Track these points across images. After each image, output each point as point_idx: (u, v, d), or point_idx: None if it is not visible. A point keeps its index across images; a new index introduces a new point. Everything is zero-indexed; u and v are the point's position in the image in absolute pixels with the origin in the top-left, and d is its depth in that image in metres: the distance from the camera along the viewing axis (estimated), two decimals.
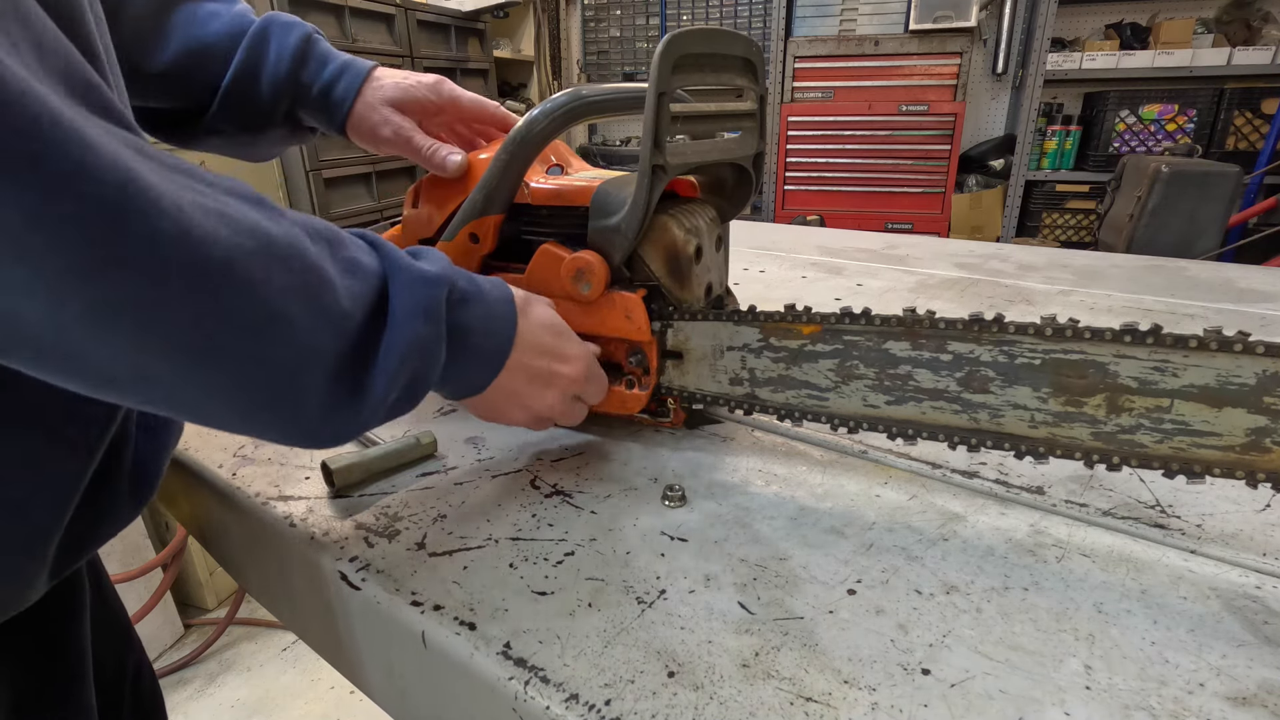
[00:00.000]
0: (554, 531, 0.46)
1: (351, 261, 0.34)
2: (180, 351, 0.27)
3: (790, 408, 0.50)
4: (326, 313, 0.31)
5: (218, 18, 0.57)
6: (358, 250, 0.35)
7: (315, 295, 0.31)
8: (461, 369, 0.41)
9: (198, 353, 0.27)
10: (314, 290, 0.31)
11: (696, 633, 0.37)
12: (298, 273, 0.30)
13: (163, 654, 1.63)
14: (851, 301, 0.87)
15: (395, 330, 0.35)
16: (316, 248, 0.32)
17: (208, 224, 0.27)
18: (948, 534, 0.45)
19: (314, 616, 0.48)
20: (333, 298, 0.32)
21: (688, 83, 0.50)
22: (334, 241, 0.34)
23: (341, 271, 0.33)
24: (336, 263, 0.33)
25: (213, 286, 0.27)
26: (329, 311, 0.31)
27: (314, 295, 0.31)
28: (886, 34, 3.04)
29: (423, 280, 0.36)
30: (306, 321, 0.30)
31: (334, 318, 0.32)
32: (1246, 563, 0.42)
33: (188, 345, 0.27)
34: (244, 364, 0.29)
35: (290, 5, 2.01)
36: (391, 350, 0.34)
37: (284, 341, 0.30)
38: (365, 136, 0.60)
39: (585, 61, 3.96)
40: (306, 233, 0.32)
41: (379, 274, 0.35)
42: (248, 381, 0.29)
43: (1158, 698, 0.33)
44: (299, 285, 0.30)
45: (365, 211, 2.38)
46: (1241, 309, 0.90)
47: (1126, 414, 0.39)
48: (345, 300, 0.32)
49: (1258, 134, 2.70)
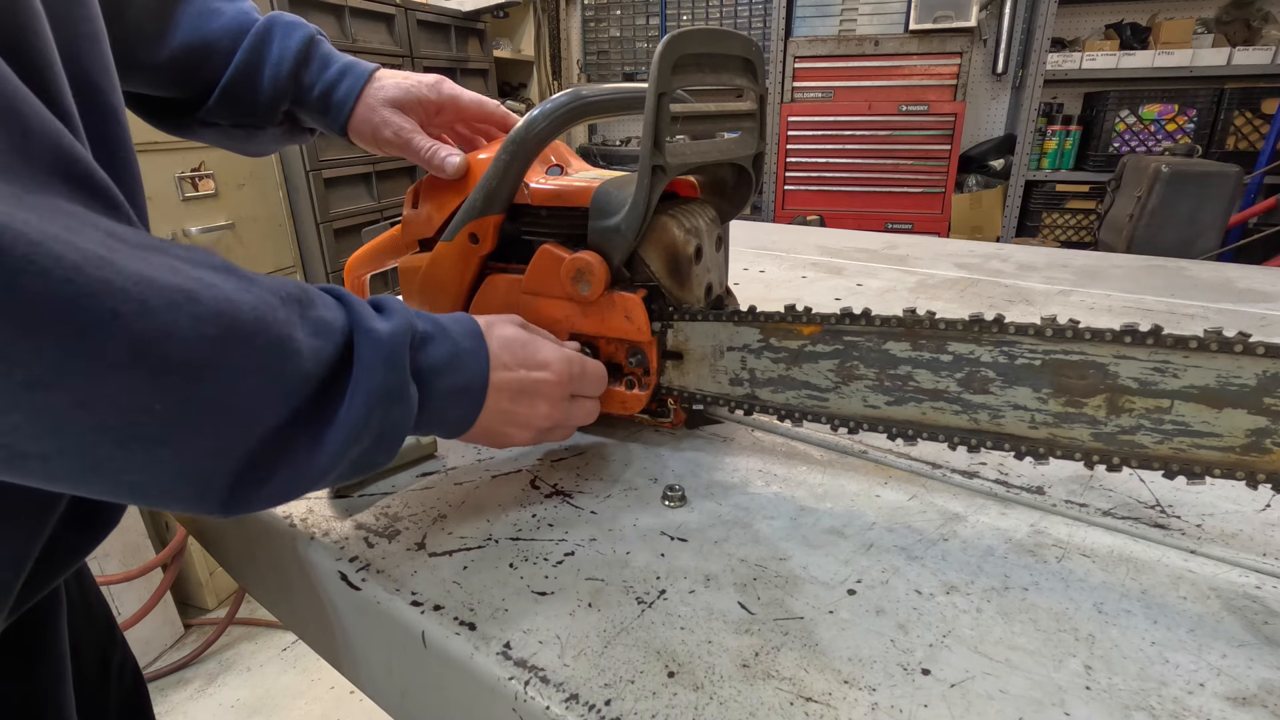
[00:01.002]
0: (554, 531, 0.46)
1: (319, 322, 0.35)
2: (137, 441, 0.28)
3: (790, 408, 0.50)
4: (287, 381, 0.32)
5: (222, 14, 0.57)
6: (325, 309, 0.36)
7: (278, 367, 0.31)
8: (441, 409, 0.41)
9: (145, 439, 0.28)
10: (277, 362, 0.31)
11: (696, 633, 0.37)
12: (262, 348, 0.31)
13: (163, 654, 1.63)
14: (851, 302, 0.87)
15: (358, 382, 0.35)
16: (286, 312, 0.32)
17: (167, 316, 0.27)
18: (948, 534, 0.45)
19: (314, 616, 0.48)
20: (296, 364, 0.32)
21: (688, 83, 0.50)
22: (304, 302, 0.34)
23: (310, 333, 0.34)
24: (305, 324, 0.33)
25: (169, 379, 0.27)
26: (290, 379, 0.32)
27: (277, 367, 0.31)
28: (886, 34, 3.04)
29: (383, 331, 0.37)
30: (264, 395, 0.31)
31: (295, 383, 0.32)
32: (1246, 563, 0.42)
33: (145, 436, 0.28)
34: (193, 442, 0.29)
35: (290, 5, 2.01)
36: (355, 401, 0.35)
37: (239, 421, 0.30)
38: (366, 138, 0.60)
39: (585, 61, 3.95)
40: (278, 297, 0.32)
41: (344, 329, 0.36)
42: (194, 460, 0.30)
43: (1158, 698, 0.33)
44: (261, 363, 0.31)
45: (365, 211, 2.38)
46: (1241, 309, 0.90)
47: (1127, 415, 0.39)
48: (309, 363, 0.33)
49: (1258, 134, 2.70)
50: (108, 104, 0.36)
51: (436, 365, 0.40)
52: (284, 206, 2.17)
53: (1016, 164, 2.97)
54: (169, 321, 0.27)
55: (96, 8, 0.36)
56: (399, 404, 0.37)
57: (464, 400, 0.43)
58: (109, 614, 0.57)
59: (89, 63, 0.35)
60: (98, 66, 0.35)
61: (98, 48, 0.35)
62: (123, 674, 0.57)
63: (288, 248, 2.20)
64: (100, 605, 0.56)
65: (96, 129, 0.34)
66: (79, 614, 0.51)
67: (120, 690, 0.56)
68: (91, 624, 0.54)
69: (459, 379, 0.42)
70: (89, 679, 0.51)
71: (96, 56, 0.35)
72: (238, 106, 0.58)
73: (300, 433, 0.33)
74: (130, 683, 0.58)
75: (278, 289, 0.33)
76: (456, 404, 0.43)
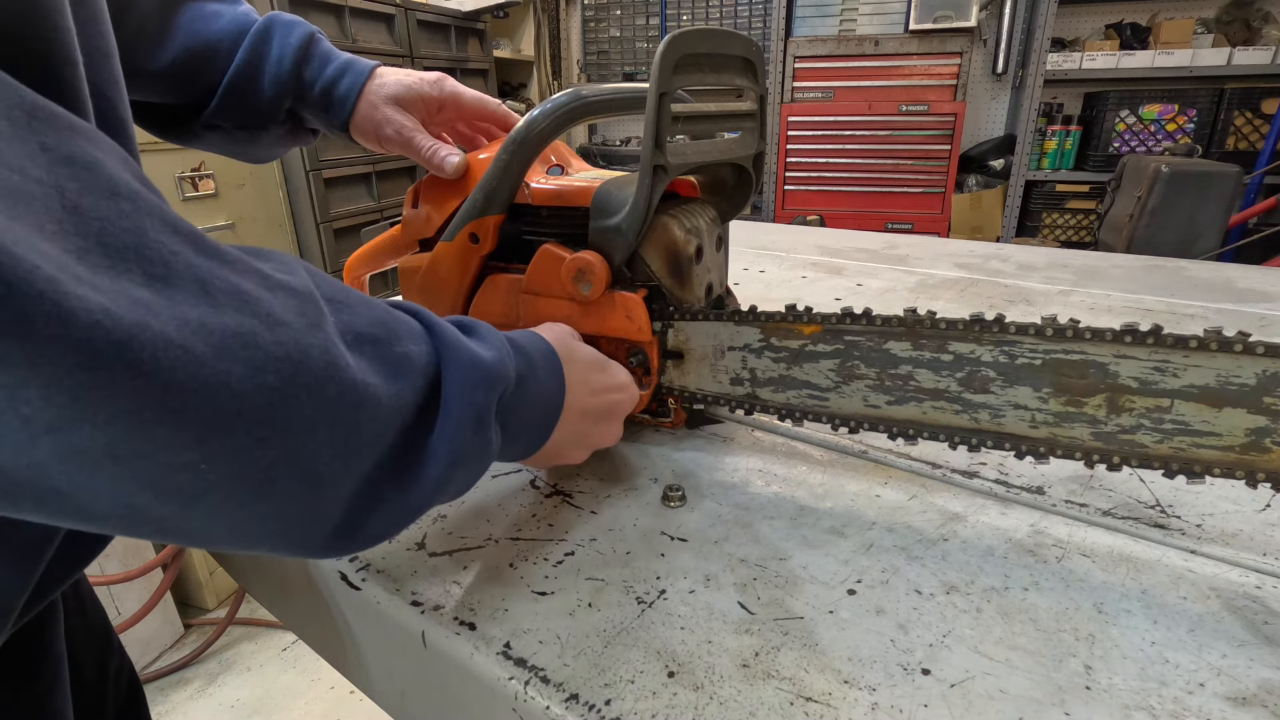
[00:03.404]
0: (554, 531, 0.46)
1: (401, 359, 0.31)
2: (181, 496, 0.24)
3: (791, 408, 0.50)
4: (361, 434, 0.29)
5: (221, 17, 0.57)
6: (410, 340, 0.32)
7: (350, 419, 0.28)
8: (511, 447, 0.40)
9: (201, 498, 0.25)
10: (348, 414, 0.28)
11: (696, 633, 0.37)
12: (331, 399, 0.27)
13: (163, 654, 1.63)
14: (852, 301, 0.87)
15: (443, 439, 0.32)
16: (356, 356, 0.29)
17: (217, 364, 0.23)
18: (948, 534, 0.45)
19: (314, 617, 0.48)
20: (371, 414, 0.29)
21: (688, 83, 0.50)
22: (382, 340, 0.31)
23: (388, 376, 0.30)
24: (384, 367, 0.30)
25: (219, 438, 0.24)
26: (363, 433, 0.29)
27: (348, 419, 0.28)
28: (886, 34, 3.04)
29: (478, 378, 0.34)
30: (334, 449, 0.28)
31: (369, 438, 0.29)
32: (1246, 563, 0.42)
33: (190, 492, 0.24)
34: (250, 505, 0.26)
35: (290, 5, 2.01)
36: (437, 457, 0.32)
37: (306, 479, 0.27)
38: (368, 135, 0.60)
39: (585, 61, 3.95)
40: (351, 337, 0.29)
41: (431, 363, 0.33)
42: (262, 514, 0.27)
43: (1158, 698, 0.33)
44: (331, 415, 0.27)
45: (365, 211, 2.38)
46: (1241, 309, 0.90)
47: (1127, 414, 0.39)
48: (386, 411, 0.30)
49: (1258, 134, 2.70)
50: (116, 115, 0.36)
51: (519, 409, 0.38)
52: (284, 206, 2.17)
53: (1016, 164, 2.97)
54: (222, 370, 0.23)
55: (109, 24, 0.36)
56: (480, 461, 0.36)
57: (535, 436, 0.42)
58: (105, 619, 0.57)
59: (99, 75, 0.35)
60: (109, 80, 0.35)
61: (109, 63, 0.35)
62: (119, 680, 0.56)
63: (288, 248, 2.20)
64: (97, 611, 0.56)
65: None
66: (76, 620, 0.51)
67: (117, 696, 0.56)
68: (89, 630, 0.53)
69: (536, 416, 0.41)
70: (86, 685, 0.51)
71: (109, 71, 0.35)
72: (241, 107, 0.58)
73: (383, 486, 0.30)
74: (127, 688, 0.57)
75: (350, 327, 0.29)
76: (527, 441, 0.42)
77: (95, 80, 0.35)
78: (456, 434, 0.32)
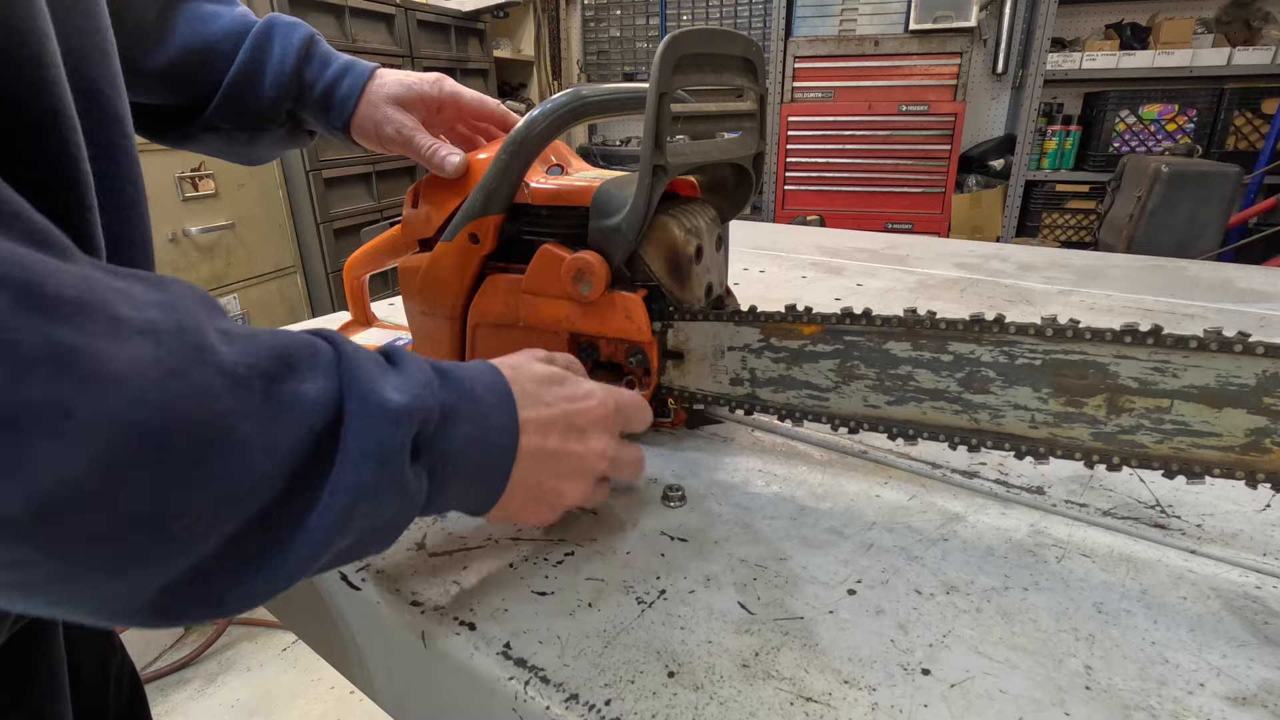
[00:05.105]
0: (554, 531, 0.46)
1: (293, 397, 0.27)
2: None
3: (791, 408, 0.50)
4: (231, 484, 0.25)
5: (220, 17, 0.57)
6: (310, 377, 0.28)
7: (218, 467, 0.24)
8: (460, 493, 0.36)
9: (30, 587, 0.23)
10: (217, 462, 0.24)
11: (696, 633, 0.37)
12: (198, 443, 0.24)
13: (163, 654, 1.63)
14: (851, 301, 0.87)
15: (341, 477, 0.28)
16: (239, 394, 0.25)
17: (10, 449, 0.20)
18: (948, 534, 0.45)
19: (314, 617, 0.48)
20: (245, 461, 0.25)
21: (688, 83, 0.50)
22: (276, 375, 0.27)
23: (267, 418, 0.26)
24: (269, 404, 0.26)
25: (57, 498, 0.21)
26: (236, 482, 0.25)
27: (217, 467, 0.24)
28: (886, 34, 3.04)
29: (383, 416, 0.29)
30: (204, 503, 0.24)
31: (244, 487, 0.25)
32: (1246, 563, 0.42)
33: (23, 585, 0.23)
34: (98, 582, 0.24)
35: (290, 5, 2.01)
36: (335, 499, 0.28)
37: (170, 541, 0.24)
38: (368, 135, 0.61)
39: (585, 61, 3.96)
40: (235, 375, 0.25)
41: (333, 402, 0.29)
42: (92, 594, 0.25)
43: (1158, 698, 0.33)
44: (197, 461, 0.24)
45: (365, 211, 2.38)
46: (1241, 309, 0.90)
47: (1127, 414, 0.39)
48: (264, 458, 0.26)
49: (1258, 134, 2.70)
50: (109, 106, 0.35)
51: (457, 449, 0.34)
52: (284, 206, 2.17)
53: (1016, 164, 2.97)
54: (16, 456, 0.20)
55: (107, 22, 0.36)
56: (392, 500, 0.31)
57: (488, 474, 0.37)
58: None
59: (97, 73, 0.34)
60: (104, 75, 0.35)
61: (108, 61, 0.35)
62: (121, 681, 0.56)
63: (288, 248, 2.20)
64: None
65: (94, 131, 0.34)
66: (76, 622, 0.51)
67: (119, 698, 0.56)
68: (89, 632, 0.53)
69: (484, 455, 0.36)
70: (88, 687, 0.51)
71: (105, 68, 0.35)
72: (241, 108, 0.58)
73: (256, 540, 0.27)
74: (128, 689, 0.57)
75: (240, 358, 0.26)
76: (479, 488, 0.37)
77: (92, 78, 0.34)
78: (354, 471, 0.28)
